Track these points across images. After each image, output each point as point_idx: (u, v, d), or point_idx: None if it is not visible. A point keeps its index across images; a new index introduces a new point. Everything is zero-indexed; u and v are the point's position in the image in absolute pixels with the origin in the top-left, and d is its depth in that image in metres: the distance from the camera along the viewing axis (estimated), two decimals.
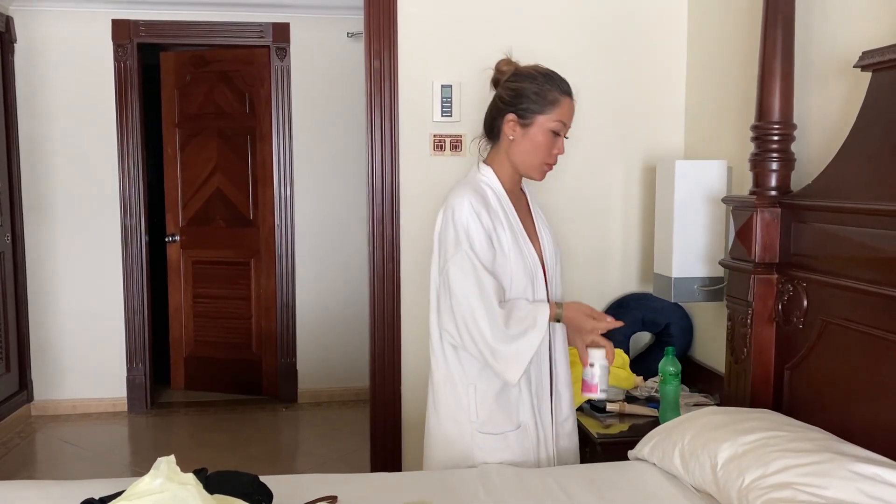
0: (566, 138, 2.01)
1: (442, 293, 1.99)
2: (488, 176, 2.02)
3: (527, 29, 2.89)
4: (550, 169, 2.04)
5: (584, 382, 2.04)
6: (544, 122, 1.95)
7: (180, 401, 4.96)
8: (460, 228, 1.92)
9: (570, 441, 2.18)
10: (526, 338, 1.90)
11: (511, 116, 1.96)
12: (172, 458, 1.35)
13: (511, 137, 1.98)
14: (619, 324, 1.96)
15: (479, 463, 2.00)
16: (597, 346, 1.93)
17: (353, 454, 3.95)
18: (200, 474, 1.63)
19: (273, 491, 1.74)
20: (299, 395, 4.89)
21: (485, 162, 2.06)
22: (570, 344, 2.05)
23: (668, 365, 2.35)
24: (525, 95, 1.94)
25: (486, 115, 2.04)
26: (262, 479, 1.77)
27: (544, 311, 1.92)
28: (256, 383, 4.97)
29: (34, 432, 4.37)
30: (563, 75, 2.66)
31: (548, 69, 2.00)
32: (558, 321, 1.97)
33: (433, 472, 1.99)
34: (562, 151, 2.00)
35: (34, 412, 4.63)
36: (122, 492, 1.38)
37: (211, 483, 1.62)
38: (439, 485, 1.87)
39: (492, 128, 2.03)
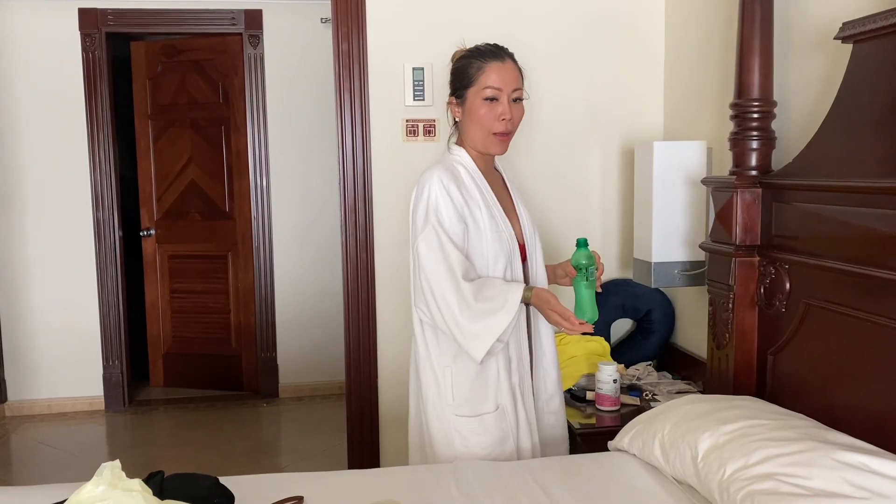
0: (521, 100, 2.00)
1: (414, 271, 1.98)
2: (461, 155, 2.03)
3: (500, 10, 2.80)
4: (505, 138, 1.99)
5: (599, 396, 2.42)
6: (474, 93, 1.97)
7: (159, 398, 4.86)
8: (430, 204, 1.92)
9: (557, 419, 2.15)
10: (494, 317, 1.85)
11: (450, 100, 2.04)
12: (117, 463, 1.27)
13: (457, 119, 2.04)
14: (588, 329, 1.88)
15: (457, 446, 1.97)
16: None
17: (336, 448, 3.88)
18: (156, 478, 1.55)
19: (238, 492, 1.67)
20: (280, 389, 4.81)
21: (456, 143, 2.08)
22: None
23: (582, 258, 1.93)
24: (454, 76, 2.01)
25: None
26: (226, 480, 1.70)
27: (516, 292, 1.87)
28: (236, 379, 4.89)
29: (8, 434, 4.27)
30: (538, 58, 2.57)
31: (479, 44, 2.02)
32: (527, 305, 1.94)
33: (404, 469, 1.93)
34: (507, 115, 1.95)
35: (8, 413, 4.52)
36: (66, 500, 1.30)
37: (167, 487, 1.55)
38: (410, 482, 1.80)
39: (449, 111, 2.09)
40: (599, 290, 1.91)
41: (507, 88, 1.95)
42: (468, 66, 1.97)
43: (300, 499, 1.69)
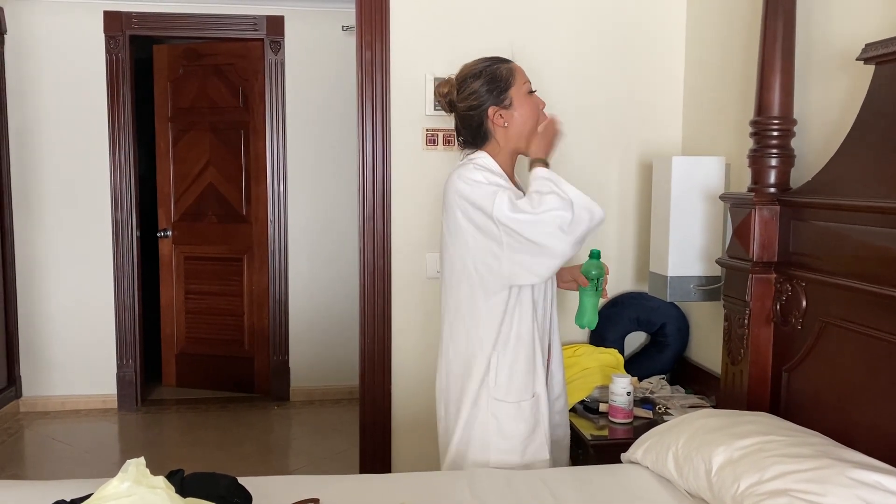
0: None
1: (517, 244, 1.90)
2: (487, 161, 2.02)
3: (521, 22, 2.83)
4: None
5: (612, 408, 2.43)
6: (518, 90, 2.01)
7: (171, 398, 4.90)
8: (487, 182, 1.92)
9: (562, 418, 2.20)
10: (567, 186, 1.92)
11: (493, 109, 1.99)
12: (142, 460, 1.29)
13: (505, 125, 2.01)
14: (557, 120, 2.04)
15: (492, 432, 1.99)
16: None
17: (345, 453, 3.90)
18: (176, 476, 1.58)
19: (254, 493, 1.69)
20: (291, 393, 4.83)
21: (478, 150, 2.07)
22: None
23: (593, 269, 2.10)
24: (486, 88, 1.99)
25: (466, 130, 2.06)
26: (242, 480, 1.72)
27: (542, 167, 1.97)
28: (248, 381, 4.92)
29: (22, 429, 4.31)
30: (557, 70, 2.57)
31: (477, 58, 2.05)
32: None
33: (419, 474, 1.95)
34: (544, 104, 2.08)
35: (23, 408, 4.57)
36: (91, 495, 1.33)
37: (187, 485, 1.57)
38: (425, 487, 1.82)
39: (479, 133, 2.04)
40: (606, 298, 2.04)
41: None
42: (497, 70, 2.00)
43: (316, 501, 1.71)
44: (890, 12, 1.85)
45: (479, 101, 1.99)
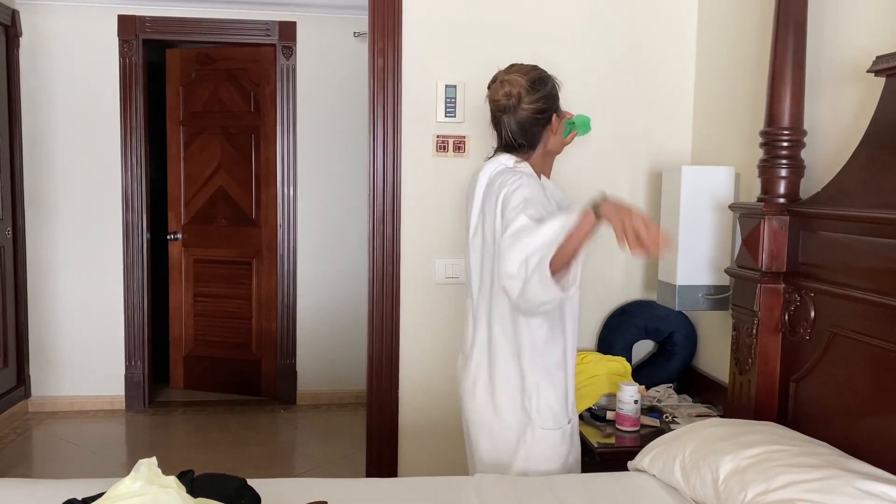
0: None
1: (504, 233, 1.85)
2: (529, 170, 2.04)
3: (532, 32, 2.84)
4: None
5: (620, 416, 2.43)
6: (560, 101, 2.10)
7: (178, 400, 4.91)
8: (528, 197, 1.86)
9: None
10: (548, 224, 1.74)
11: (555, 118, 2.07)
12: (154, 460, 1.30)
13: (555, 132, 2.09)
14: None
15: (528, 454, 2.00)
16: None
17: (352, 457, 3.90)
18: (186, 476, 1.59)
19: (262, 495, 1.70)
20: (298, 396, 4.84)
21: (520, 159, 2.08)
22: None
23: (582, 125, 2.18)
24: (553, 93, 2.05)
25: (523, 133, 2.01)
26: (251, 482, 1.73)
27: (581, 213, 1.71)
28: (255, 384, 4.94)
29: (31, 429, 4.34)
30: (568, 80, 2.63)
31: (521, 62, 2.08)
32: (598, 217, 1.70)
33: (427, 479, 1.96)
34: None
35: (31, 408, 4.59)
36: (103, 494, 1.34)
37: (197, 486, 1.58)
38: (432, 492, 1.83)
39: (536, 136, 2.04)
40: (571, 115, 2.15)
41: None
42: (555, 79, 2.07)
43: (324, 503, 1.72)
44: None
45: (548, 105, 2.03)
